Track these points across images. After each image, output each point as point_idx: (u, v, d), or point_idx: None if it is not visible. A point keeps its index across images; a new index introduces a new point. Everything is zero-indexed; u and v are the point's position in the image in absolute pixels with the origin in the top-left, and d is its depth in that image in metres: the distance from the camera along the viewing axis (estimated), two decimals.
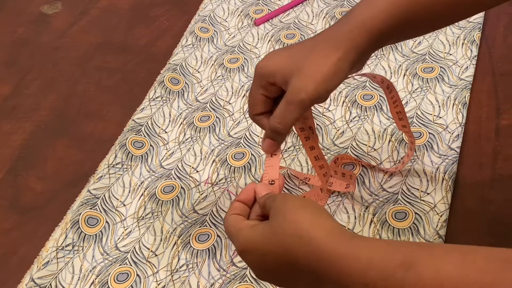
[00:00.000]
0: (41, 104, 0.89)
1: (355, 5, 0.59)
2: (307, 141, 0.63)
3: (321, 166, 0.65)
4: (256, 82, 0.59)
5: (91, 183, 0.76)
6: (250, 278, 0.65)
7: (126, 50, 0.97)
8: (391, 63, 0.87)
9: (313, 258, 0.46)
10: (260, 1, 1.02)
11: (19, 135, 0.85)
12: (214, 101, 0.86)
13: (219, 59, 0.92)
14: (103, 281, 0.67)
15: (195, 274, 0.66)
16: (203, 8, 1.01)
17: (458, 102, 0.80)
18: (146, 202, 0.74)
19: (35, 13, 1.06)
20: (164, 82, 0.88)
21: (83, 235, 0.70)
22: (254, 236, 0.50)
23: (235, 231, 0.52)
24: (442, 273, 0.42)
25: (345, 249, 0.46)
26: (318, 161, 0.64)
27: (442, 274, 0.42)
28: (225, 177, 0.76)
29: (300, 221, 0.48)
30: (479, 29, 0.90)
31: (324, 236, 0.47)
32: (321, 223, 0.48)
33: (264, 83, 0.58)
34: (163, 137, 0.81)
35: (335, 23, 0.59)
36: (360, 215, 0.69)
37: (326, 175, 0.65)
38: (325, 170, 0.65)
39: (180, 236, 0.70)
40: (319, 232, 0.47)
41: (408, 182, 0.72)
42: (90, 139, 0.83)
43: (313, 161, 0.64)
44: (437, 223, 0.67)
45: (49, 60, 0.96)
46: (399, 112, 0.68)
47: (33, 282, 0.67)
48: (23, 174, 0.80)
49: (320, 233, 0.47)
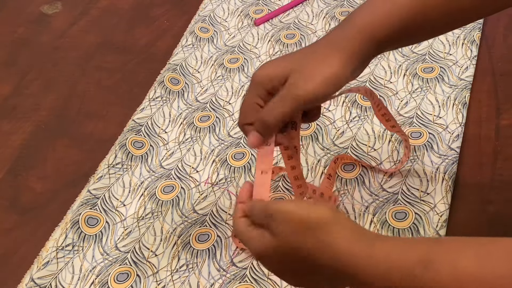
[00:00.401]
0: (41, 104, 0.89)
1: (355, 9, 0.59)
2: (289, 160, 0.61)
3: (299, 186, 0.63)
4: (252, 90, 0.57)
5: (91, 183, 0.76)
6: (250, 278, 0.65)
7: (126, 50, 0.97)
8: (391, 63, 0.87)
9: (333, 265, 0.46)
10: (260, 1, 1.02)
11: (19, 135, 0.85)
12: (214, 101, 0.86)
13: (219, 59, 0.92)
14: (103, 281, 0.67)
15: (195, 274, 0.66)
16: (203, 8, 1.01)
17: (458, 102, 0.80)
18: (146, 202, 0.74)
19: (35, 13, 1.06)
20: (164, 82, 0.88)
21: (83, 235, 0.70)
22: (266, 248, 0.50)
23: (246, 239, 0.52)
24: (459, 269, 0.42)
25: (365, 261, 0.45)
26: (297, 180, 0.62)
27: (459, 269, 0.42)
28: (225, 177, 0.76)
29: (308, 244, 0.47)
30: (479, 29, 0.90)
31: (343, 249, 0.46)
32: (338, 227, 0.48)
33: (261, 91, 0.57)
34: (163, 137, 0.81)
35: (335, 28, 0.59)
36: (360, 215, 0.69)
37: (302, 193, 0.63)
38: (303, 189, 0.63)
39: (180, 236, 0.70)
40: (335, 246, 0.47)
41: (408, 182, 0.72)
42: (90, 139, 0.83)
43: (292, 180, 0.62)
44: (437, 223, 0.67)
45: (49, 60, 0.96)
46: (385, 114, 0.68)
47: (33, 282, 0.67)
48: (23, 174, 0.80)
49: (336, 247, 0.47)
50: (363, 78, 0.85)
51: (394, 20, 0.57)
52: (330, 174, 0.73)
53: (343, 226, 0.47)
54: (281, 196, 0.72)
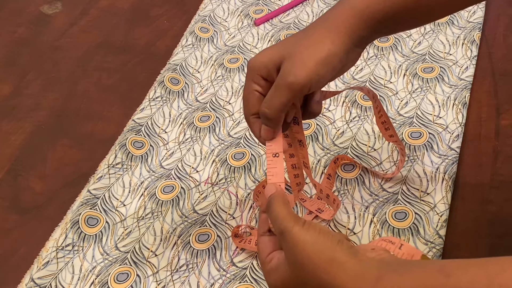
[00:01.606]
0: (41, 104, 0.89)
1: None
2: (289, 148, 0.61)
3: (296, 175, 0.62)
4: (248, 77, 0.57)
5: (91, 183, 0.76)
6: (250, 278, 0.65)
7: (126, 50, 0.97)
8: (391, 63, 0.87)
9: None
10: (260, 1, 1.02)
11: (19, 135, 0.85)
12: (214, 101, 0.86)
13: (219, 59, 0.92)
14: (103, 281, 0.67)
15: (195, 274, 0.66)
16: (203, 8, 1.01)
17: (458, 102, 0.80)
18: (146, 202, 0.74)
19: (35, 13, 1.06)
20: (164, 82, 0.88)
21: (83, 235, 0.71)
22: (282, 283, 0.50)
23: (264, 270, 0.52)
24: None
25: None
26: (295, 169, 0.61)
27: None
28: (225, 177, 0.76)
29: (319, 273, 0.47)
30: (479, 29, 0.90)
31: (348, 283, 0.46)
32: (340, 268, 0.47)
33: (256, 77, 0.56)
34: (163, 137, 0.81)
35: (328, 10, 0.58)
36: (360, 215, 0.69)
37: (299, 185, 0.63)
38: (300, 180, 0.62)
39: (180, 236, 0.70)
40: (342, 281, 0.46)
41: (408, 182, 0.72)
42: (90, 139, 0.83)
43: (289, 169, 0.62)
44: (437, 223, 0.67)
45: (49, 60, 0.97)
46: (385, 122, 0.68)
47: (33, 282, 0.67)
48: (23, 174, 0.80)
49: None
50: (363, 78, 0.86)
51: (392, 1, 0.55)
52: (330, 174, 0.73)
53: (347, 270, 0.46)
54: None
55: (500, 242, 0.65)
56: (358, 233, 0.68)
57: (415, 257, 0.50)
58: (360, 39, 0.57)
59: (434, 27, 0.92)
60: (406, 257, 0.50)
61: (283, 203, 0.52)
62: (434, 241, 0.66)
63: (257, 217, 0.71)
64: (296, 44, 0.56)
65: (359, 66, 0.87)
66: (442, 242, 0.65)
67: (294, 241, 0.49)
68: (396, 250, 0.50)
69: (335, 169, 0.74)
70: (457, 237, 0.67)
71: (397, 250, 0.50)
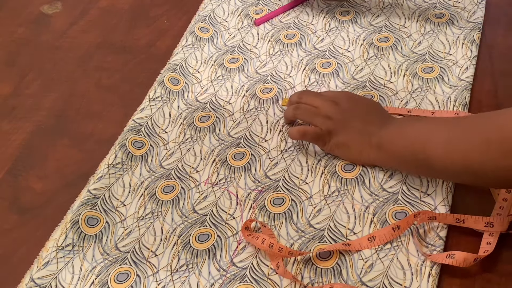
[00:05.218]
0: (41, 104, 0.89)
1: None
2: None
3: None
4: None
5: (91, 183, 0.76)
6: (250, 278, 0.65)
7: (126, 50, 0.97)
8: (391, 63, 0.87)
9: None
10: (260, 1, 1.02)
11: (19, 135, 0.85)
12: (214, 101, 0.86)
13: (219, 59, 0.92)
14: (103, 281, 0.67)
15: (195, 274, 0.66)
16: (203, 8, 1.01)
17: (458, 104, 0.80)
18: (146, 202, 0.74)
19: (35, 13, 1.06)
20: (164, 82, 0.88)
21: (83, 235, 0.70)
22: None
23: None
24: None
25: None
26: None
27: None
28: (225, 177, 0.76)
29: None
30: (479, 29, 0.90)
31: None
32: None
33: None
34: (163, 137, 0.81)
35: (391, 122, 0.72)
36: (360, 215, 0.69)
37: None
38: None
39: (180, 236, 0.70)
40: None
41: (408, 182, 0.72)
42: (90, 139, 0.83)
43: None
44: (438, 224, 0.67)
45: (49, 60, 0.97)
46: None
47: (33, 282, 0.67)
48: (23, 174, 0.80)
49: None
50: (363, 78, 0.86)
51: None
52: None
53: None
54: (281, 197, 0.72)
55: (500, 242, 0.65)
56: (358, 233, 0.68)
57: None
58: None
59: (434, 27, 0.92)
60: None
61: None
62: (435, 242, 0.66)
63: (257, 217, 0.71)
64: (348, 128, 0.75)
65: (359, 66, 0.87)
66: (442, 243, 0.65)
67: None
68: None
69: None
70: (458, 238, 0.66)
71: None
